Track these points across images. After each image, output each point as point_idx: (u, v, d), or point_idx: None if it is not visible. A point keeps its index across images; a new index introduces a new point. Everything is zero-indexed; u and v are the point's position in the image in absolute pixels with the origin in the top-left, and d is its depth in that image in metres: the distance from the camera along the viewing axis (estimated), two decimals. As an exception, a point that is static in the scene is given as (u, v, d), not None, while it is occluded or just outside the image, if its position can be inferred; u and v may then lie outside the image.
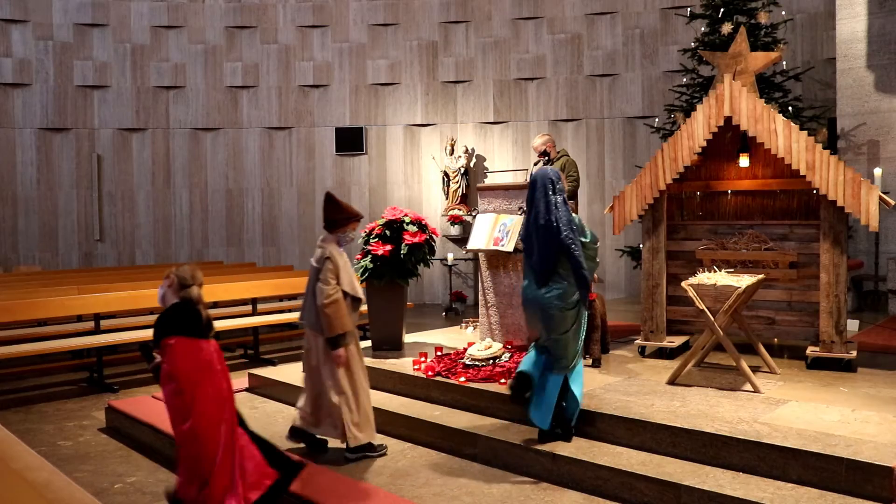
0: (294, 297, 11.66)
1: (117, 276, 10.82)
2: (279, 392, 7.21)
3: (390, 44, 14.51)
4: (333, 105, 14.57)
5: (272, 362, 8.85)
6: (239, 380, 7.91)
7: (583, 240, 5.14)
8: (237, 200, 14.66)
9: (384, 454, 5.46)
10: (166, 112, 14.45)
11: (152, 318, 9.14)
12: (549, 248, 5.05)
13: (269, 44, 14.52)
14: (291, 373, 7.55)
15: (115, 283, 9.51)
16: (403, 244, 7.17)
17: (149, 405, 6.61)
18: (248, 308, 9.78)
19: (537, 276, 5.11)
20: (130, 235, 14.43)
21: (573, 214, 5.19)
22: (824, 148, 6.13)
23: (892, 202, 6.05)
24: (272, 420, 6.54)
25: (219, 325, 9.14)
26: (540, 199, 5.15)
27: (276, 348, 10.12)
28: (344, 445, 5.38)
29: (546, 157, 8.48)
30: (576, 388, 5.14)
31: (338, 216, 5.50)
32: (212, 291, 9.34)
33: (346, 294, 5.28)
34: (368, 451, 5.41)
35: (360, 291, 5.42)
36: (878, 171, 9.88)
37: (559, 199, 5.13)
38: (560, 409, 5.10)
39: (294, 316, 10.07)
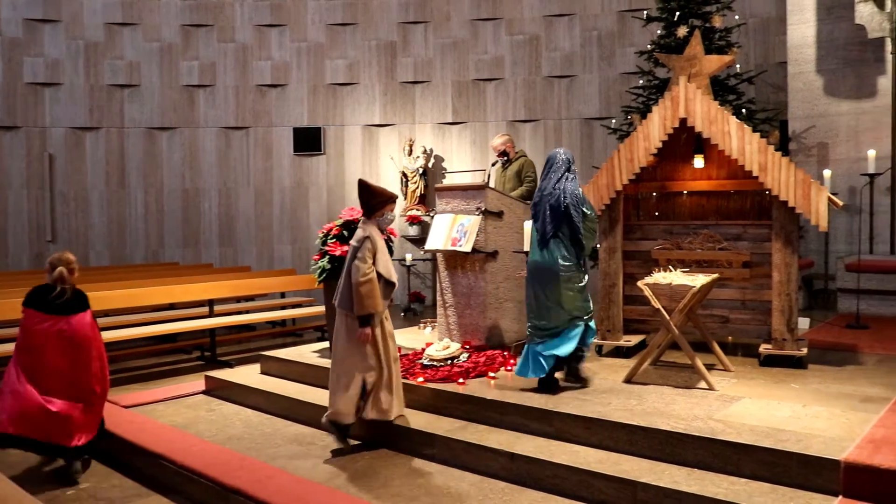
0: (251, 299, 11.58)
1: (70, 278, 10.62)
2: (236, 394, 7.16)
3: (349, 44, 14.46)
4: (291, 105, 14.47)
5: (229, 364, 8.76)
6: (195, 382, 7.85)
7: (585, 211, 5.74)
8: (193, 201, 14.49)
9: (343, 449, 5.49)
10: (121, 111, 14.23)
11: (107, 320, 9.01)
12: (553, 213, 5.70)
13: (226, 42, 14.38)
14: (249, 374, 7.52)
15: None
16: (361, 245, 7.14)
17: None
18: (205, 310, 9.68)
19: (540, 239, 5.76)
20: (84, 236, 14.18)
21: (579, 188, 5.80)
22: (776, 150, 6.25)
23: (841, 203, 6.20)
24: (229, 423, 6.49)
25: (175, 326, 9.13)
26: (555, 172, 5.83)
27: (234, 350, 10.01)
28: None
29: (505, 158, 8.54)
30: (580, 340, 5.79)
31: (373, 201, 5.59)
32: (168, 293, 9.25)
33: (380, 277, 5.38)
34: (338, 430, 5.51)
35: (394, 276, 5.53)
36: (827, 173, 10.07)
37: (571, 175, 5.83)
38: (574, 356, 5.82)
39: (252, 317, 10.03)
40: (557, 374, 5.83)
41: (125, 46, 14.21)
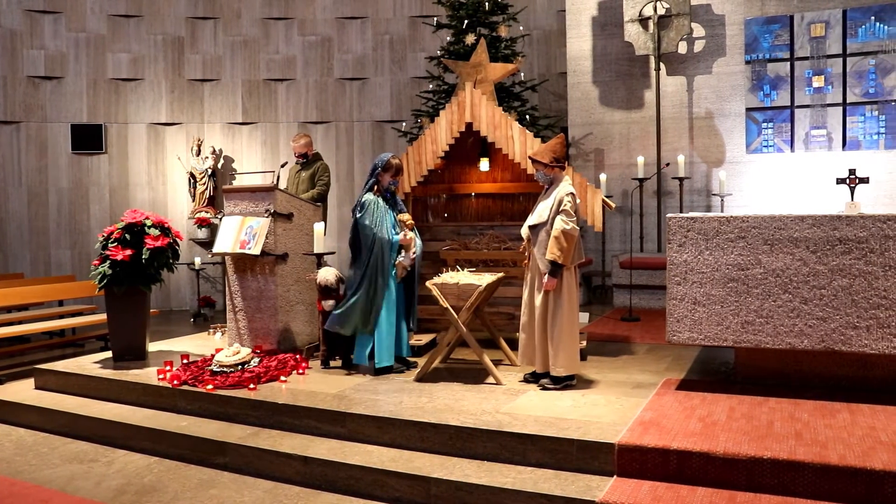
0: (25, 308, 10.71)
1: None
2: (6, 413, 6.62)
3: (132, 37, 13.72)
4: (69, 99, 13.52)
5: (-2, 380, 8.07)
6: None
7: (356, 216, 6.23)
8: (-47, 202, 13.20)
9: None
10: None
11: None
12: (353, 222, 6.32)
13: (-10, 29, 13.20)
14: (21, 390, 6.99)
15: None
16: (145, 248, 6.85)
17: None
18: (-33, 322, 8.85)
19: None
20: None
21: (365, 194, 6.29)
22: (556, 154, 6.60)
23: (614, 205, 6.66)
24: (-3, 443, 6.00)
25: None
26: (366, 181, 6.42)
27: (4, 365, 9.18)
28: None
29: (304, 159, 8.54)
30: (379, 349, 6.25)
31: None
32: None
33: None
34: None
35: None
36: (603, 177, 10.80)
37: (371, 181, 6.32)
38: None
39: (25, 328, 9.25)
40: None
41: None
